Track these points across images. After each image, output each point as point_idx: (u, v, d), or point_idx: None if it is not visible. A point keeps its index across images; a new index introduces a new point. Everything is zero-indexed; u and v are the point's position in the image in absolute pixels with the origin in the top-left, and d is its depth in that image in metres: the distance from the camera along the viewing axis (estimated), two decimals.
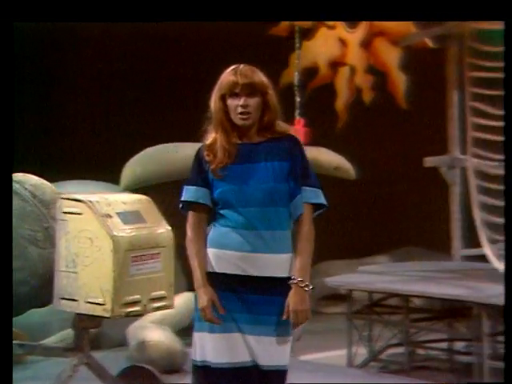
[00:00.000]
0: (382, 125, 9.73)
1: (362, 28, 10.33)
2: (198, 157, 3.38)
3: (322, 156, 8.35)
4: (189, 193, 3.35)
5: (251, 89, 3.28)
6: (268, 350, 3.29)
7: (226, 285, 3.28)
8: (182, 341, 6.74)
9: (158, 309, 4.46)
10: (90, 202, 4.31)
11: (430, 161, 8.52)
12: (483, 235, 7.37)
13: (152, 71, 9.73)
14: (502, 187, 7.70)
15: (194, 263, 3.31)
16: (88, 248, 4.29)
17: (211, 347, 3.28)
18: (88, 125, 9.57)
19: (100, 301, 4.26)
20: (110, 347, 7.08)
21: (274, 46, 10.32)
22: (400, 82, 10.15)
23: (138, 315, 4.56)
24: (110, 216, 4.27)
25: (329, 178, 9.02)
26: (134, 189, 7.56)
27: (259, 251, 3.27)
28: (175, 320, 6.99)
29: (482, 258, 8.11)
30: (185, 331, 7.28)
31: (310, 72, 10.12)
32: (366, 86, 10.29)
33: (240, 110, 3.28)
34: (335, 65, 10.53)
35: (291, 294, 3.27)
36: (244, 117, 3.30)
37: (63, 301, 4.41)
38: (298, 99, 7.55)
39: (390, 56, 10.20)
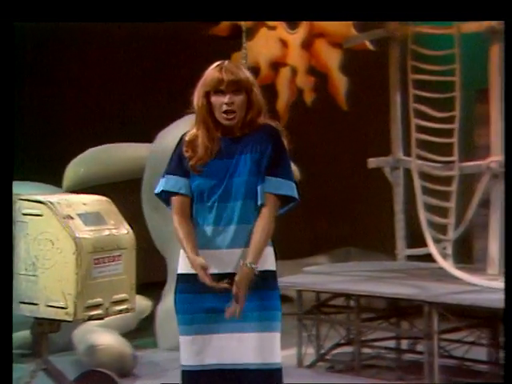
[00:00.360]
0: (324, 126, 9.83)
1: (303, 29, 10.37)
2: (180, 147, 3.33)
3: None
4: (170, 182, 3.32)
5: (237, 86, 3.24)
6: (255, 348, 3.23)
7: (203, 285, 3.22)
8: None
9: (120, 312, 4.42)
10: (51, 203, 4.25)
11: (373, 162, 8.63)
12: (428, 235, 7.50)
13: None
14: (444, 188, 7.88)
15: (184, 245, 3.26)
16: (49, 250, 4.23)
17: (198, 350, 3.23)
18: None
19: (62, 304, 4.20)
20: (53, 352, 6.98)
21: (214, 46, 10.34)
22: (340, 83, 10.22)
23: (100, 318, 4.49)
24: (71, 217, 4.22)
25: None
26: (76, 190, 7.49)
27: (232, 247, 3.25)
28: (121, 323, 6.93)
29: (426, 258, 8.27)
30: (132, 334, 7.26)
31: (252, 72, 10.14)
32: (308, 86, 10.35)
33: (225, 108, 3.25)
34: (276, 65, 10.57)
35: (239, 274, 3.21)
36: (229, 116, 3.27)
37: (22, 305, 4.35)
38: None
39: (331, 57, 10.26)
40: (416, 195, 7.70)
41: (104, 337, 6.40)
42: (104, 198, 4.61)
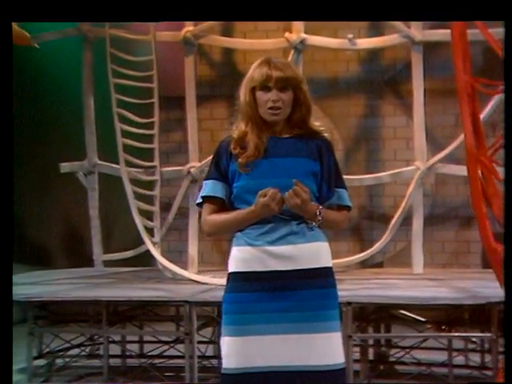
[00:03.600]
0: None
1: None
2: (219, 151, 3.31)
3: None
4: (207, 187, 3.29)
5: (284, 83, 3.23)
6: (311, 349, 3.18)
7: (256, 284, 3.20)
8: None
9: None
10: None
11: (66, 166, 8.67)
12: (147, 239, 7.82)
13: None
14: (152, 193, 8.27)
15: (234, 217, 3.24)
16: None
17: (246, 352, 3.17)
18: None
19: None
20: None
21: None
22: None
23: None
24: None
25: None
26: None
27: (277, 244, 3.22)
28: None
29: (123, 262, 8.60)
30: None
31: None
32: None
33: (271, 104, 3.24)
34: None
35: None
36: (275, 112, 3.25)
37: None
38: None
39: None
40: (129, 200, 7.93)
41: None
42: None
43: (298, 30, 8.09)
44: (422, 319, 6.90)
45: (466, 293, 6.42)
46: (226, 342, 3.22)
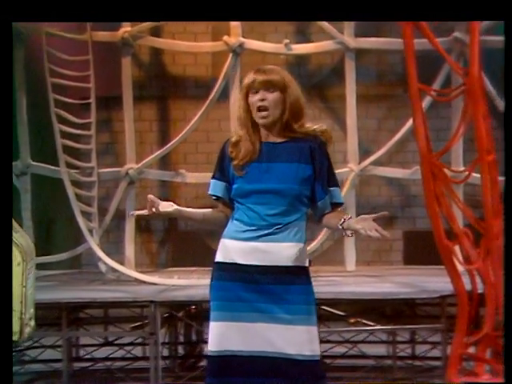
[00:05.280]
0: None
1: None
2: (221, 152, 3.59)
3: None
4: (211, 186, 3.60)
5: (269, 84, 3.47)
6: (290, 339, 3.45)
7: (239, 274, 3.48)
8: None
9: (30, 330, 4.04)
10: None
11: None
12: (91, 240, 7.88)
13: None
14: (90, 194, 8.31)
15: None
16: None
17: (228, 336, 3.44)
18: None
19: None
20: None
21: None
22: None
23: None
24: None
25: None
26: None
27: (270, 241, 3.48)
28: None
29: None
30: None
31: None
32: None
33: (258, 104, 3.47)
34: None
35: (355, 221, 3.39)
36: (263, 114, 3.47)
37: None
38: None
39: None
40: (71, 202, 7.97)
41: None
42: None
43: (236, 34, 8.31)
44: (342, 313, 7.25)
45: (415, 287, 6.86)
46: (211, 327, 3.52)
